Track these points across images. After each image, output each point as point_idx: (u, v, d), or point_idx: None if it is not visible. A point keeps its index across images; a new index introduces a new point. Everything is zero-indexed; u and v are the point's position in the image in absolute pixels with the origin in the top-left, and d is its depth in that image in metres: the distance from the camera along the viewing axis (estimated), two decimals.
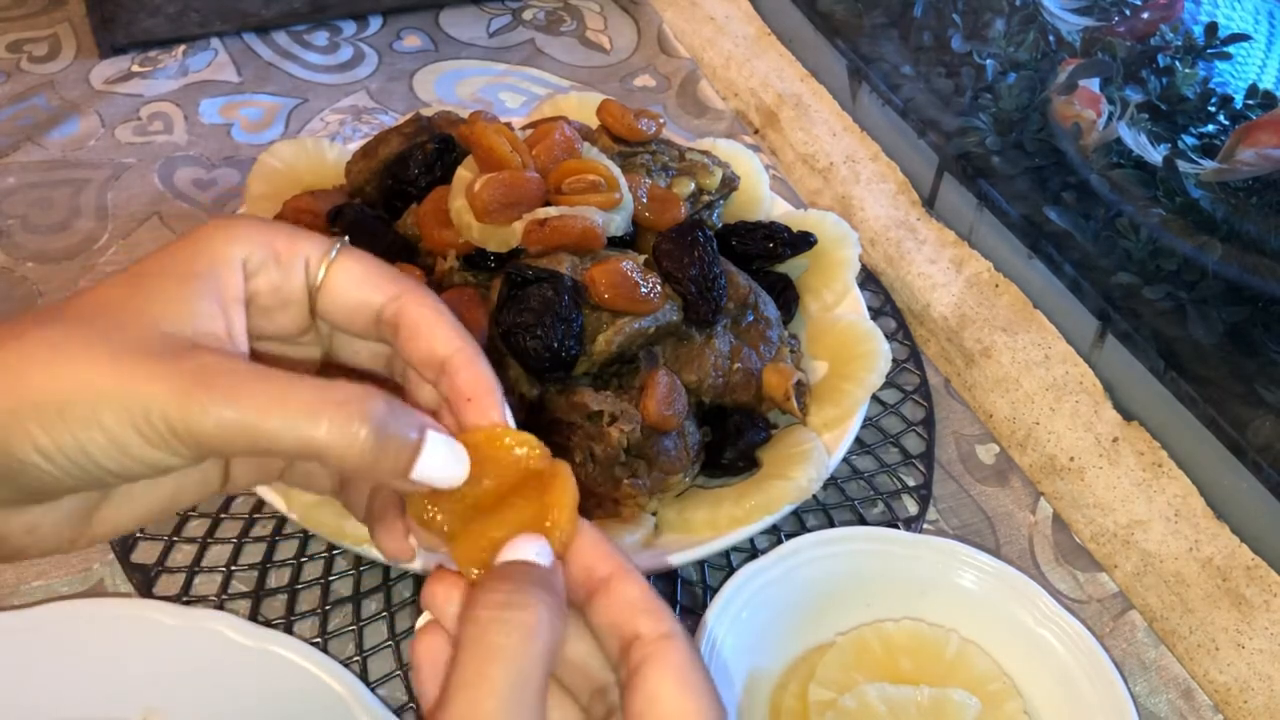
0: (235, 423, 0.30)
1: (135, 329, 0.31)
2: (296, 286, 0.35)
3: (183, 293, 0.32)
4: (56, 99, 0.87)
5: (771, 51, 0.95)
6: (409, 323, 0.35)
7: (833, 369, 0.65)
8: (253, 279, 0.34)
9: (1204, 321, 0.66)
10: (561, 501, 0.33)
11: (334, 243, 0.35)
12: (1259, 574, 0.59)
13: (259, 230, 0.34)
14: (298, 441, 0.30)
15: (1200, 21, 0.78)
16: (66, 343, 0.30)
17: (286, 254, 0.35)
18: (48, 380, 0.30)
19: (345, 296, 0.35)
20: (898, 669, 0.54)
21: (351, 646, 0.57)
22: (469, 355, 0.34)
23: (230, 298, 0.33)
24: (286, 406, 0.30)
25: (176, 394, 0.30)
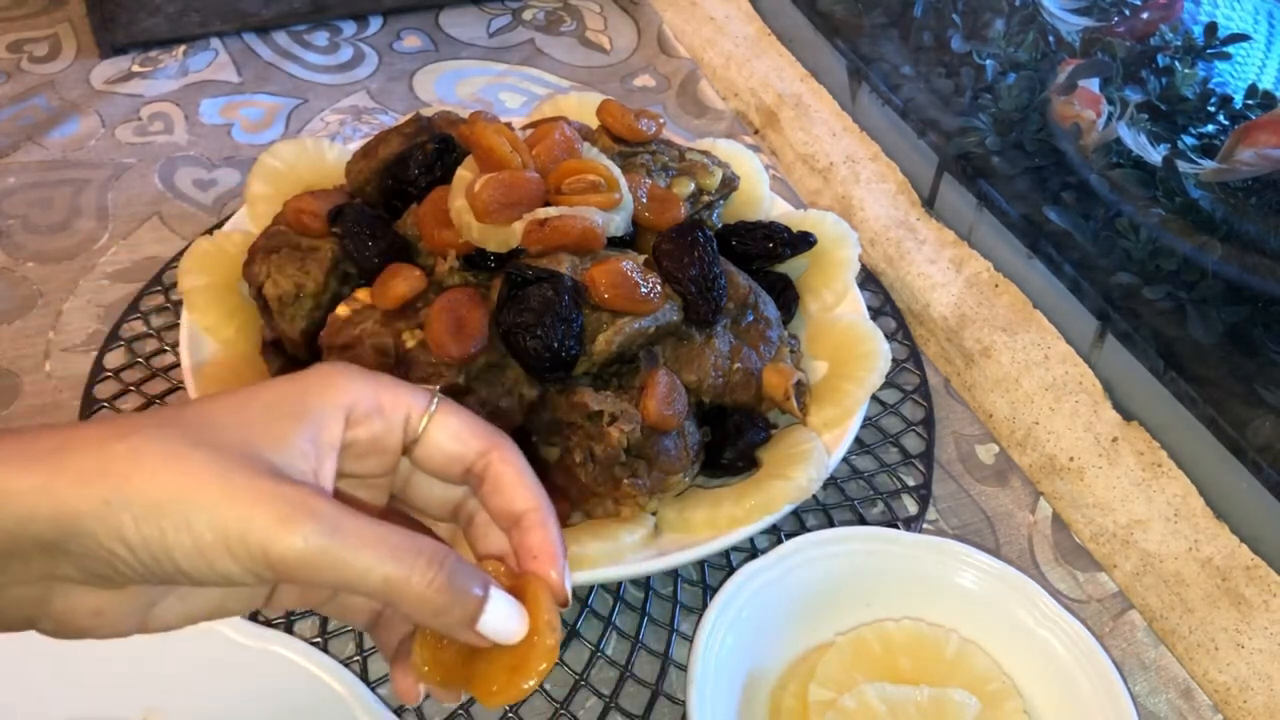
0: (326, 555, 0.32)
1: (239, 449, 0.33)
2: (395, 438, 0.38)
3: (284, 429, 0.35)
4: (57, 99, 0.87)
5: (771, 51, 0.95)
6: (493, 477, 0.38)
7: (833, 369, 0.65)
8: (354, 428, 0.37)
9: (1204, 321, 0.66)
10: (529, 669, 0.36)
11: (432, 396, 0.38)
12: (1259, 574, 0.59)
13: (367, 383, 0.37)
14: (382, 582, 0.33)
15: (1200, 21, 0.78)
16: (175, 449, 0.33)
17: (390, 408, 0.37)
18: (151, 479, 0.32)
19: (442, 449, 0.38)
20: (898, 669, 0.54)
21: (351, 646, 0.57)
22: (542, 516, 0.38)
23: (326, 442, 0.36)
24: (378, 546, 0.33)
25: (276, 519, 0.32)
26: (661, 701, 0.56)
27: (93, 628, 0.35)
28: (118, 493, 0.31)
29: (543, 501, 0.38)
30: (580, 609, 0.60)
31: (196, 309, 0.62)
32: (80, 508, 0.31)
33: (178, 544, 0.32)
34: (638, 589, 0.61)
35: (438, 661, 0.37)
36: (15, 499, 0.31)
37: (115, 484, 0.32)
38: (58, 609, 0.34)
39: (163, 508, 0.32)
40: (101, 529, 0.31)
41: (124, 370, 0.68)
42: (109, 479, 0.32)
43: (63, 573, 0.33)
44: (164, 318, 0.71)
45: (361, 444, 0.37)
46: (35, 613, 0.34)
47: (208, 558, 0.32)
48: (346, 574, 0.33)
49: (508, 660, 0.36)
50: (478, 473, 0.38)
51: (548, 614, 0.36)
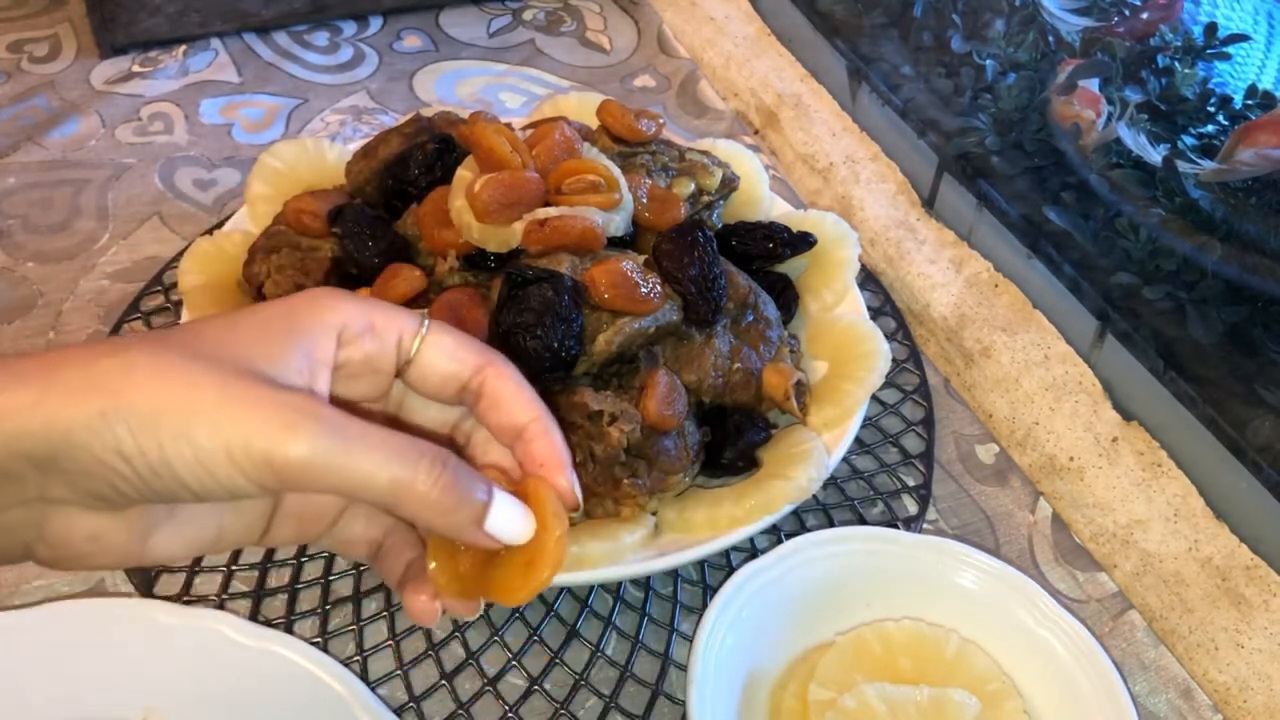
0: (331, 458, 0.32)
1: (233, 364, 0.33)
2: (388, 358, 0.37)
3: (277, 345, 0.34)
4: (57, 99, 0.87)
5: (771, 51, 0.95)
6: (490, 392, 0.38)
7: (833, 369, 0.65)
8: (346, 347, 0.36)
9: (1204, 321, 0.66)
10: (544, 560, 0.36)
11: (423, 317, 0.38)
12: (1258, 574, 0.59)
13: (358, 304, 0.37)
14: (388, 483, 0.33)
15: (1200, 21, 0.78)
16: (169, 362, 0.32)
17: (382, 327, 0.37)
18: (146, 390, 0.31)
19: (436, 368, 0.38)
20: (898, 669, 0.54)
21: (351, 646, 0.57)
22: (544, 426, 0.38)
23: (319, 359, 0.35)
24: (383, 448, 0.33)
25: (279, 424, 0.31)
26: (661, 701, 0.56)
27: (89, 554, 0.34)
28: (112, 405, 0.31)
29: (543, 411, 0.38)
30: (580, 609, 0.60)
31: (196, 309, 0.62)
32: (73, 421, 0.31)
33: (177, 454, 0.31)
34: (638, 589, 0.61)
35: (454, 574, 0.37)
36: (7, 416, 0.31)
37: (109, 396, 0.31)
38: (53, 533, 0.33)
39: (160, 418, 0.31)
40: (97, 442, 0.31)
41: None
42: (102, 392, 0.31)
43: (57, 494, 0.32)
44: (164, 318, 0.71)
45: (355, 364, 0.37)
46: (31, 538, 0.34)
47: (208, 467, 0.31)
48: (351, 477, 0.32)
49: (521, 559, 0.36)
50: (474, 389, 0.38)
51: (553, 508, 0.36)
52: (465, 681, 0.56)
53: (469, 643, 0.57)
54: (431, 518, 0.34)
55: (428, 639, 0.57)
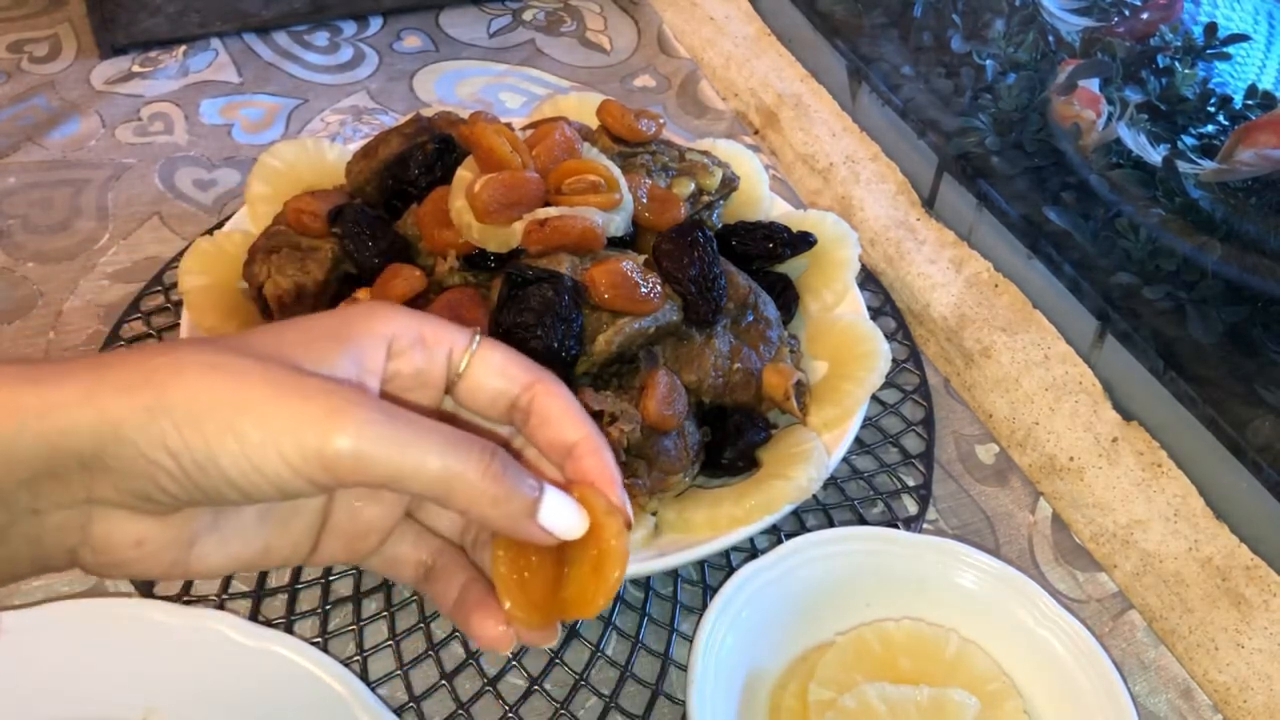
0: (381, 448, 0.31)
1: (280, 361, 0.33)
2: (438, 372, 0.37)
3: (325, 351, 0.34)
4: (57, 99, 0.87)
5: (771, 51, 0.95)
6: (540, 410, 0.37)
7: (833, 369, 0.65)
8: (396, 359, 0.36)
9: (1204, 321, 0.66)
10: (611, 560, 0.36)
11: (474, 333, 0.38)
12: (1258, 574, 0.59)
13: (409, 316, 0.37)
14: (440, 471, 0.32)
15: (1200, 22, 0.78)
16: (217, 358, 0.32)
17: (433, 341, 0.37)
18: (194, 386, 0.31)
19: (486, 384, 0.38)
20: (898, 669, 0.54)
21: (351, 646, 0.57)
22: (595, 444, 0.37)
23: (368, 368, 0.35)
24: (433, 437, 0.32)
25: (328, 412, 0.31)
26: (661, 701, 0.56)
27: (134, 560, 0.34)
28: (159, 399, 0.31)
29: (593, 430, 0.38)
30: None
31: (196, 309, 0.62)
32: (121, 416, 0.30)
33: (223, 449, 0.31)
34: (638, 589, 0.61)
35: (528, 603, 0.36)
36: (56, 411, 0.30)
37: (157, 391, 0.31)
38: (98, 537, 0.33)
39: (207, 412, 0.31)
40: (143, 438, 0.31)
41: None
42: (150, 387, 0.31)
43: (102, 494, 0.32)
44: (164, 318, 0.71)
45: (404, 377, 0.36)
46: (75, 542, 0.33)
47: (255, 461, 0.31)
48: (402, 466, 0.32)
49: (587, 566, 0.36)
50: (523, 407, 0.38)
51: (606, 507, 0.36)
52: (465, 681, 0.56)
53: (469, 643, 0.57)
54: (484, 508, 0.33)
55: (427, 639, 0.57)
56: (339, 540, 0.38)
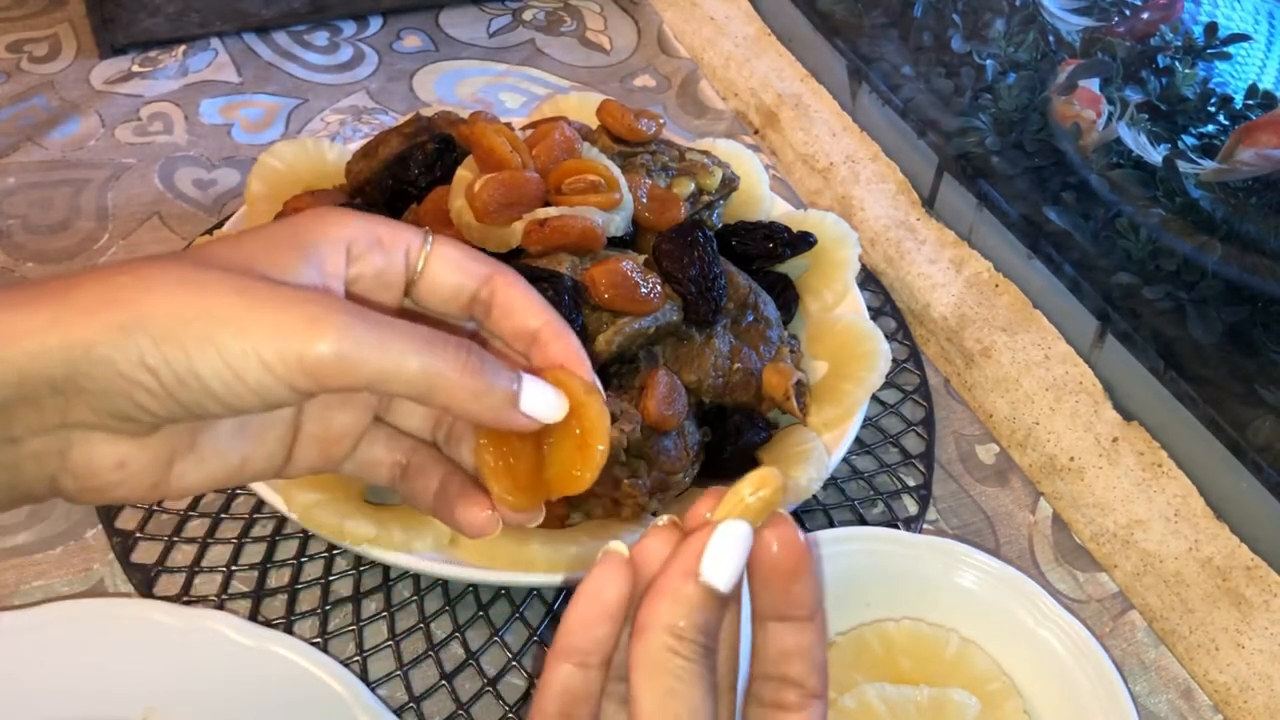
0: (360, 350, 0.31)
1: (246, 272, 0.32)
2: (397, 272, 0.37)
3: (287, 258, 0.34)
4: (56, 99, 0.87)
5: (771, 51, 0.95)
6: (501, 301, 0.37)
7: (833, 369, 0.65)
8: (356, 263, 0.36)
9: (1204, 321, 0.66)
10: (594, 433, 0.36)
11: (426, 232, 0.38)
12: (1259, 574, 0.59)
13: (363, 219, 0.37)
14: (419, 370, 0.32)
15: (1200, 21, 0.78)
16: (186, 273, 0.32)
17: (389, 241, 0.37)
18: (167, 300, 0.31)
19: (444, 281, 0.37)
20: (898, 669, 0.54)
21: (351, 646, 0.57)
22: (559, 328, 0.37)
23: (330, 272, 0.35)
24: (409, 337, 0.32)
25: (306, 319, 0.31)
26: None
27: (116, 484, 0.34)
28: (132, 316, 0.30)
29: (555, 316, 0.38)
30: None
31: None
32: (93, 336, 0.30)
33: (204, 361, 0.31)
34: None
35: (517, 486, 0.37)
36: (24, 337, 0.30)
37: (128, 309, 0.30)
38: (78, 462, 0.33)
39: (184, 325, 0.31)
40: (119, 356, 0.30)
41: None
42: (121, 305, 0.31)
43: (78, 417, 0.32)
44: None
45: (366, 279, 0.36)
46: (55, 468, 0.33)
47: (237, 370, 0.31)
48: (384, 368, 0.32)
49: (570, 444, 0.36)
50: (484, 300, 0.38)
51: (583, 386, 0.36)
52: (465, 681, 0.56)
53: (469, 643, 0.57)
54: (465, 403, 0.34)
55: (427, 639, 0.57)
56: (313, 448, 0.38)
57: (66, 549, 0.59)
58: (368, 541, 0.52)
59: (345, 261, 0.36)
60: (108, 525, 0.60)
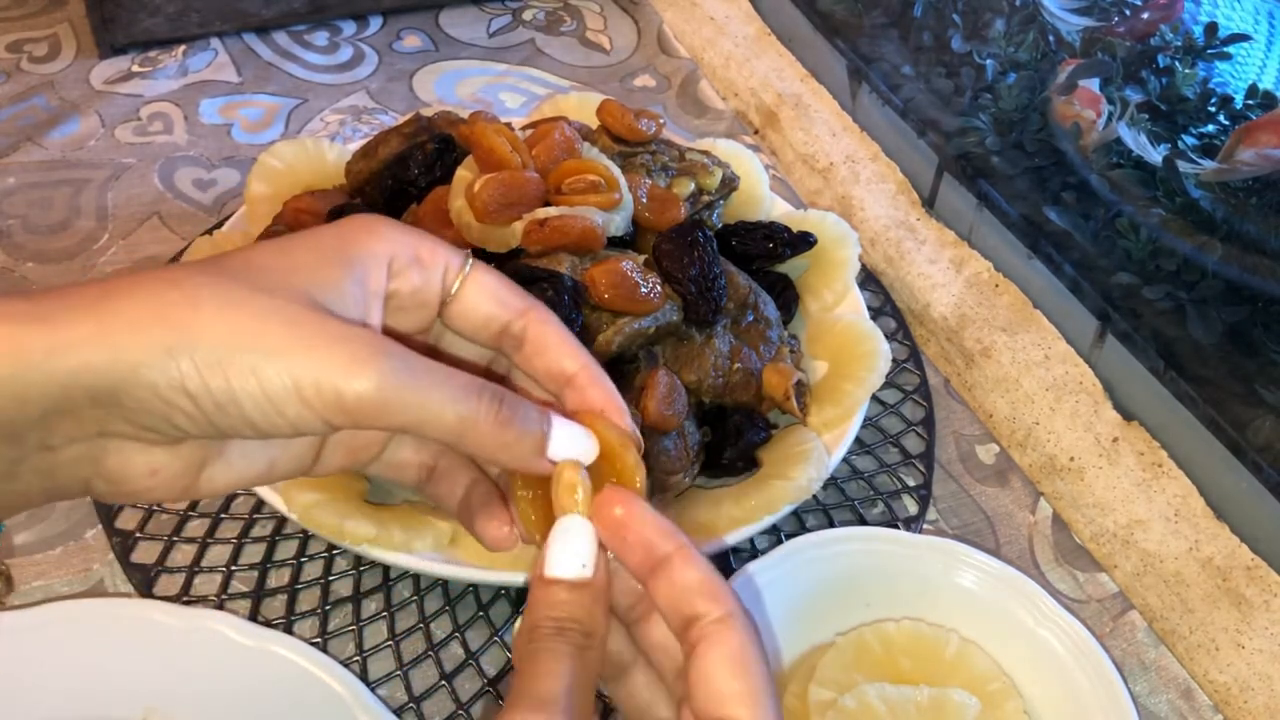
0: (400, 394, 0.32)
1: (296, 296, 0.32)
2: (434, 291, 0.37)
3: (334, 275, 0.34)
4: (56, 99, 0.87)
5: (771, 51, 0.95)
6: (534, 338, 0.37)
7: (833, 369, 0.65)
8: (395, 278, 0.36)
9: (1204, 321, 0.66)
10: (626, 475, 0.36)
11: (466, 255, 0.37)
12: (1259, 574, 0.59)
13: (406, 234, 0.36)
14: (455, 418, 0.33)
15: (1200, 21, 0.78)
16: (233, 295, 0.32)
17: (429, 260, 0.36)
18: (214, 326, 0.31)
19: (478, 307, 0.37)
20: (898, 669, 0.54)
21: (351, 646, 0.57)
22: (594, 374, 0.37)
23: (373, 289, 0.35)
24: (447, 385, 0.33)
25: (349, 359, 0.31)
26: None
27: (149, 489, 0.34)
28: (181, 340, 0.30)
29: (591, 360, 0.37)
30: None
31: None
32: (139, 357, 0.30)
33: (245, 392, 0.31)
34: None
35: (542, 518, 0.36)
36: (68, 351, 0.30)
37: (175, 331, 0.30)
38: (111, 468, 0.33)
39: (229, 355, 0.31)
40: (163, 380, 0.30)
41: None
42: (168, 327, 0.30)
43: (115, 428, 0.32)
44: None
45: (402, 295, 0.36)
46: (89, 474, 0.33)
47: (277, 405, 0.31)
48: (420, 413, 0.32)
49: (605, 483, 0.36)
50: (515, 334, 0.37)
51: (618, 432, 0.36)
52: (465, 681, 0.56)
53: (469, 643, 0.57)
54: (494, 452, 0.34)
55: (427, 639, 0.57)
56: (340, 451, 0.38)
57: (66, 549, 0.59)
58: (368, 541, 0.52)
59: (386, 277, 0.36)
60: (107, 525, 0.60)
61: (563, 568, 0.33)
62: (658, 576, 0.34)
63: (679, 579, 0.33)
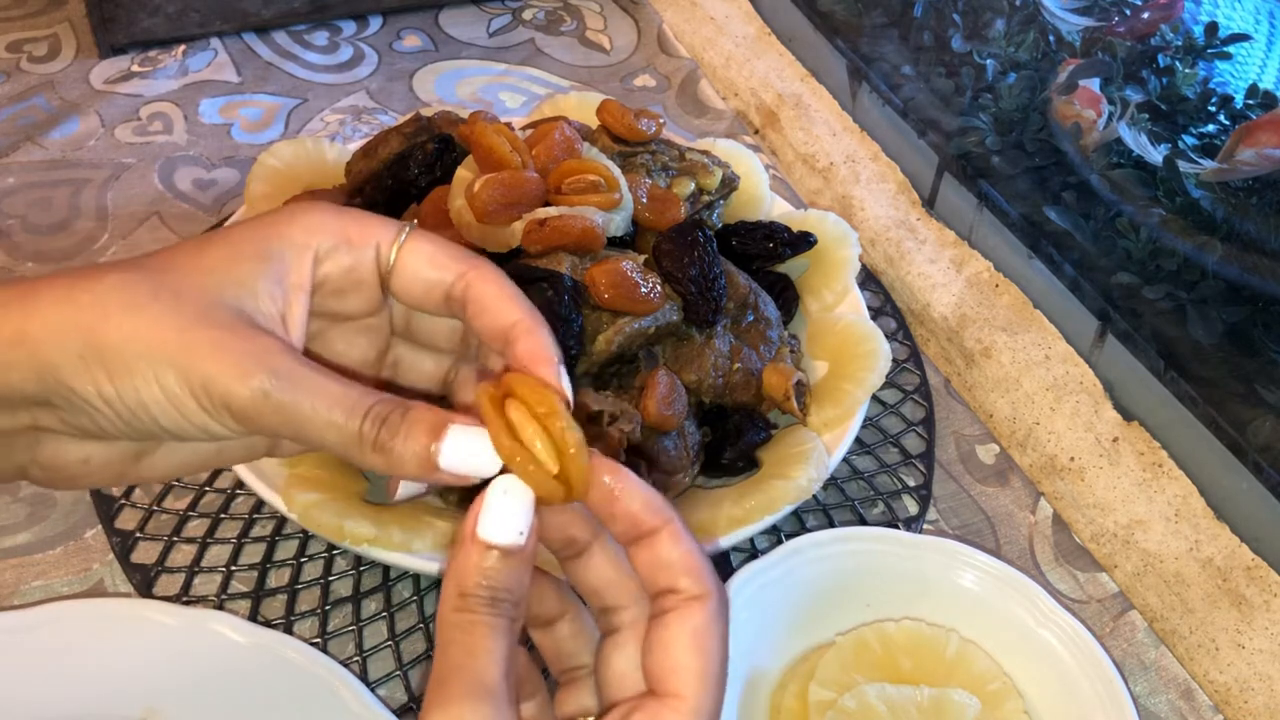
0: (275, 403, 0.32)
1: (201, 296, 0.33)
2: (368, 270, 0.37)
3: (249, 271, 0.34)
4: (56, 99, 0.87)
5: (771, 51, 0.95)
6: (475, 298, 0.36)
7: (833, 369, 0.65)
8: (324, 263, 0.36)
9: (1204, 321, 0.66)
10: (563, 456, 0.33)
11: (404, 226, 0.37)
12: (1259, 574, 0.59)
13: (334, 218, 0.36)
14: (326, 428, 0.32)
15: (1200, 21, 0.78)
16: (138, 299, 0.32)
17: (358, 239, 0.36)
18: (117, 333, 0.32)
19: (417, 277, 0.37)
20: (898, 669, 0.54)
21: (351, 646, 0.57)
22: (528, 325, 0.36)
23: (293, 283, 0.35)
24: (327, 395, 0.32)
25: (233, 369, 0.32)
26: None
27: (81, 475, 0.35)
28: (89, 346, 0.32)
29: (528, 310, 0.36)
30: None
31: None
32: (58, 360, 0.32)
33: (152, 398, 0.32)
34: None
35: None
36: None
37: (84, 337, 0.32)
38: (46, 456, 0.34)
39: (131, 363, 0.32)
40: (78, 384, 0.32)
41: None
42: (79, 332, 0.32)
43: (47, 423, 0.33)
44: None
45: (334, 280, 0.36)
46: (24, 461, 0.34)
47: (181, 410, 0.32)
48: (296, 421, 0.32)
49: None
50: (458, 297, 0.36)
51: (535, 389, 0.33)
52: None
53: None
54: (376, 464, 0.33)
55: (427, 639, 0.57)
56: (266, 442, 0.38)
57: (66, 549, 0.59)
58: (367, 542, 0.52)
59: (311, 266, 0.35)
60: (107, 525, 0.60)
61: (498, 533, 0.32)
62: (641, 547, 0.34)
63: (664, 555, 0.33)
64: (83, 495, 0.61)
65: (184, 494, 0.62)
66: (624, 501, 0.33)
